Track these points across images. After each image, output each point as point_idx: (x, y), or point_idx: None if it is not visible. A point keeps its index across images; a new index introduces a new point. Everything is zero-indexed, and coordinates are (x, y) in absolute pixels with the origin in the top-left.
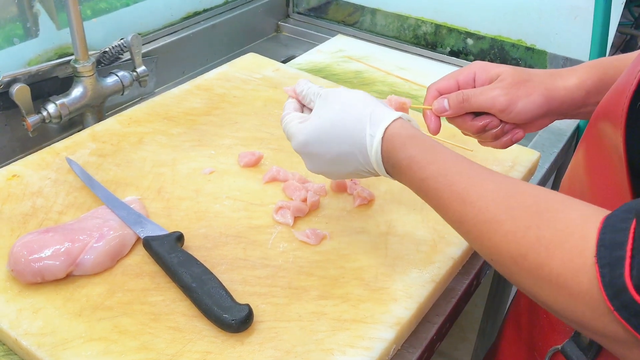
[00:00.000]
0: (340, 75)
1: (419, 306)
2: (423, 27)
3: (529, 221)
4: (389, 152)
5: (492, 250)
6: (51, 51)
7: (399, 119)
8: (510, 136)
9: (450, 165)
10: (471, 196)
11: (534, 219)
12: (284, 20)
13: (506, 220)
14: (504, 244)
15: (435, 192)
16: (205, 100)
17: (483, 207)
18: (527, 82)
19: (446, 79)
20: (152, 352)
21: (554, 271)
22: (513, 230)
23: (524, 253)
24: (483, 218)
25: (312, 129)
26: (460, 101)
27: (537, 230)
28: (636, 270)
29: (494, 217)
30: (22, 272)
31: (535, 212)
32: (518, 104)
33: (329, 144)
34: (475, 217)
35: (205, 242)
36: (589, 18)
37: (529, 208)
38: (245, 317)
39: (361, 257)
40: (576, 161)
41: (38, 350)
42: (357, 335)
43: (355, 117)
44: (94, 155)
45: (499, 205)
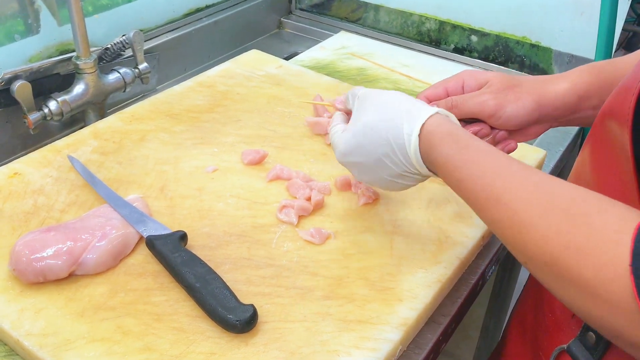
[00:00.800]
0: (344, 73)
1: (425, 307)
2: (427, 24)
3: (561, 225)
4: (427, 150)
5: (526, 254)
6: (52, 48)
7: (435, 114)
8: (502, 146)
9: (487, 166)
10: (506, 198)
11: (567, 223)
12: (286, 16)
13: (539, 224)
14: (536, 248)
15: (471, 194)
16: (207, 98)
17: (519, 210)
18: (516, 87)
19: (434, 87)
20: (156, 353)
21: (585, 278)
22: (545, 234)
23: (555, 258)
24: (517, 220)
25: (351, 136)
26: (449, 108)
27: (568, 235)
28: None
29: (528, 220)
30: (23, 271)
31: (569, 215)
32: (507, 108)
33: (368, 149)
34: (510, 219)
35: (208, 241)
36: (595, 15)
37: (563, 211)
38: (249, 318)
39: (366, 256)
40: (582, 160)
41: (40, 351)
42: (362, 336)
43: (391, 117)
44: (96, 153)
45: (534, 208)
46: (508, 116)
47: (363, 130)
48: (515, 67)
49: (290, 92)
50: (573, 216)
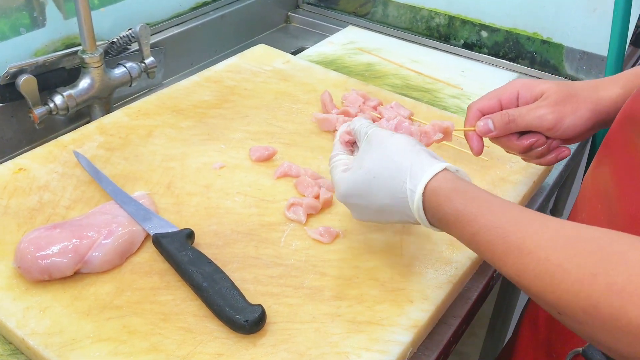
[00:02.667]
0: (352, 68)
1: (436, 308)
2: (436, 19)
3: (595, 268)
4: (434, 206)
5: (559, 303)
6: (58, 41)
7: (442, 170)
8: (556, 154)
9: (501, 216)
10: (528, 246)
11: (602, 265)
12: (293, 10)
13: (571, 269)
14: (571, 295)
15: (488, 246)
16: (215, 93)
17: (543, 258)
18: (572, 97)
19: (488, 98)
20: (162, 353)
21: (633, 321)
22: (580, 279)
23: (595, 303)
24: (544, 269)
25: (353, 181)
26: (506, 122)
27: (606, 276)
28: None
29: (556, 267)
30: (28, 269)
31: (602, 257)
32: (565, 121)
33: (369, 197)
34: (535, 268)
35: (215, 239)
36: (608, 11)
37: (594, 254)
38: (258, 318)
39: (376, 256)
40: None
41: (45, 351)
42: (372, 338)
43: (394, 169)
44: (102, 149)
45: (560, 253)
46: (566, 128)
47: (366, 177)
48: (525, 64)
49: (298, 88)
50: (606, 257)
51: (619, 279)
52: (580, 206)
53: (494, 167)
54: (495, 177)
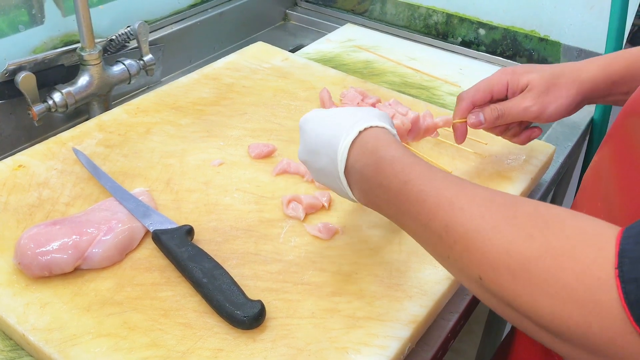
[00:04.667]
0: (350, 66)
1: (434, 304)
2: (434, 17)
3: (533, 229)
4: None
5: (483, 265)
6: (57, 39)
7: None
8: (528, 134)
9: (436, 173)
10: (462, 202)
11: (539, 227)
12: (291, 8)
13: (505, 229)
14: (502, 255)
15: (419, 195)
16: (213, 90)
17: (476, 214)
18: (554, 85)
19: (479, 90)
20: (162, 348)
21: (566, 285)
22: (514, 239)
23: (527, 265)
24: (475, 226)
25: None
26: (495, 117)
27: (543, 238)
28: None
29: (491, 226)
30: (28, 265)
31: (540, 220)
32: (549, 109)
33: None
34: (465, 224)
35: (215, 235)
36: (605, 8)
37: (532, 216)
38: (257, 314)
39: (375, 252)
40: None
41: (46, 346)
42: (371, 334)
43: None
44: (101, 146)
45: (495, 213)
46: (550, 115)
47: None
48: (523, 61)
49: (297, 85)
50: (545, 221)
51: (556, 242)
52: (580, 204)
53: (492, 164)
54: (492, 174)
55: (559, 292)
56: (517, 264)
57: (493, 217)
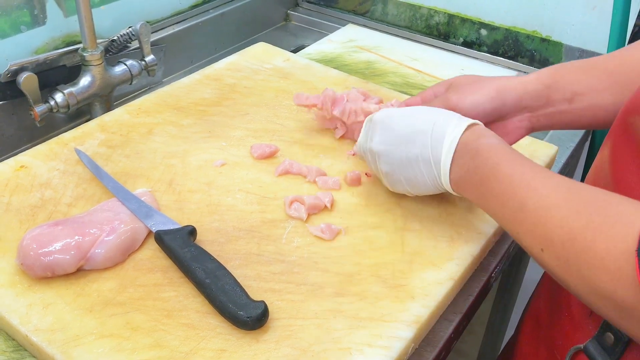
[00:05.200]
0: (352, 66)
1: (438, 304)
2: (436, 17)
3: (582, 207)
4: (470, 140)
5: (544, 238)
6: (59, 39)
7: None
8: None
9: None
10: (537, 183)
11: (588, 206)
12: (293, 9)
13: (563, 206)
14: (557, 228)
15: (505, 177)
16: (215, 91)
17: (545, 195)
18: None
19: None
20: (166, 349)
21: (598, 255)
22: (567, 215)
23: (573, 237)
24: (544, 204)
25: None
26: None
27: (587, 215)
28: None
29: (553, 203)
30: (31, 266)
31: (591, 200)
32: (468, 98)
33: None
34: (536, 202)
35: (217, 236)
36: (607, 9)
37: (585, 196)
38: (261, 315)
39: (377, 253)
40: (601, 157)
41: (49, 347)
42: (375, 334)
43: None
44: (103, 146)
45: (559, 193)
46: (468, 106)
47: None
48: (525, 62)
49: (299, 86)
50: (594, 201)
51: (597, 217)
52: None
53: None
54: None
55: (593, 263)
56: (567, 235)
57: (558, 196)
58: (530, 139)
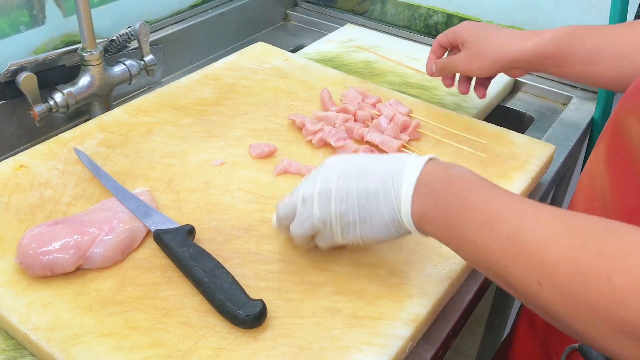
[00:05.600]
0: (350, 66)
1: (435, 303)
2: (434, 17)
3: (585, 238)
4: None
5: (543, 272)
6: (58, 39)
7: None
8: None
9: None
10: (529, 213)
11: (593, 237)
12: (292, 8)
13: (566, 235)
14: (560, 262)
15: (486, 205)
16: (214, 90)
17: (541, 224)
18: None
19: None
20: (164, 347)
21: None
22: (572, 246)
23: (582, 271)
24: (541, 234)
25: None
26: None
27: (596, 246)
28: None
29: (552, 233)
30: (30, 265)
31: (594, 230)
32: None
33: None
34: (529, 232)
35: (216, 235)
36: (605, 8)
37: (587, 226)
38: (259, 313)
39: (375, 252)
40: (596, 156)
41: (48, 346)
42: (373, 333)
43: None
44: (102, 146)
45: (558, 223)
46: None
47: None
48: None
49: (297, 86)
50: (599, 231)
51: (607, 248)
52: (577, 203)
53: (492, 164)
54: (493, 174)
55: (612, 295)
56: (573, 268)
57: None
58: (528, 139)
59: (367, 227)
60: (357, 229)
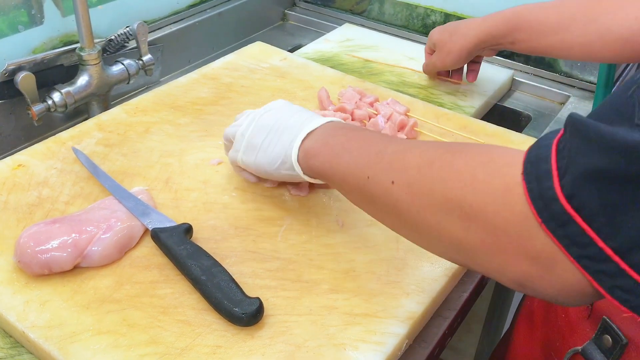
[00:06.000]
0: (348, 65)
1: (431, 300)
2: (432, 16)
3: (442, 147)
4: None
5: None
6: (56, 39)
7: None
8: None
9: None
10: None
11: (459, 152)
12: (290, 8)
13: (423, 146)
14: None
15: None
16: (212, 90)
17: (404, 142)
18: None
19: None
20: (162, 345)
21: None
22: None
23: (431, 161)
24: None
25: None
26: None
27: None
28: (569, 179)
29: (412, 146)
30: (28, 263)
31: (460, 149)
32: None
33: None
34: (391, 146)
35: (214, 234)
36: None
37: (454, 146)
38: (255, 311)
39: (372, 250)
40: None
41: (46, 343)
42: (369, 330)
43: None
44: (100, 145)
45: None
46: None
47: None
48: (520, 61)
49: (295, 85)
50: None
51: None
52: None
53: None
54: None
55: (452, 174)
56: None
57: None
58: (525, 137)
59: (264, 154)
60: (257, 154)
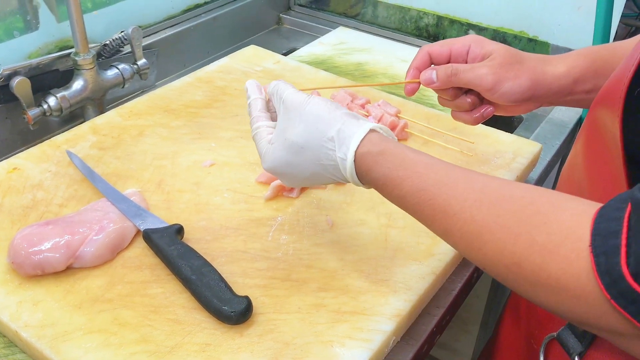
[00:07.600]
0: (342, 68)
1: (419, 298)
2: (425, 19)
3: (518, 228)
4: (363, 171)
5: (484, 261)
6: (51, 44)
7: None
8: (481, 112)
9: (426, 178)
10: (454, 208)
11: (524, 225)
12: (285, 12)
13: (495, 230)
14: (496, 254)
15: (416, 208)
16: (206, 93)
17: (468, 219)
18: (517, 64)
19: (440, 44)
20: (152, 344)
21: (553, 276)
22: (504, 239)
23: (518, 261)
24: (469, 230)
25: (279, 156)
26: (448, 75)
27: (528, 236)
28: (633, 257)
29: (481, 227)
30: (22, 264)
31: (524, 217)
32: (504, 85)
33: (299, 167)
34: (461, 229)
35: (205, 234)
36: (593, 8)
37: (517, 214)
38: (244, 309)
39: (361, 249)
40: (575, 151)
41: (38, 342)
42: (356, 327)
43: (321, 139)
44: (95, 148)
45: (485, 214)
46: (503, 92)
47: (293, 148)
48: None
49: None
50: (528, 217)
51: (539, 238)
52: None
53: (478, 163)
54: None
55: (549, 283)
56: (510, 260)
57: (485, 219)
58: (514, 137)
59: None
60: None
